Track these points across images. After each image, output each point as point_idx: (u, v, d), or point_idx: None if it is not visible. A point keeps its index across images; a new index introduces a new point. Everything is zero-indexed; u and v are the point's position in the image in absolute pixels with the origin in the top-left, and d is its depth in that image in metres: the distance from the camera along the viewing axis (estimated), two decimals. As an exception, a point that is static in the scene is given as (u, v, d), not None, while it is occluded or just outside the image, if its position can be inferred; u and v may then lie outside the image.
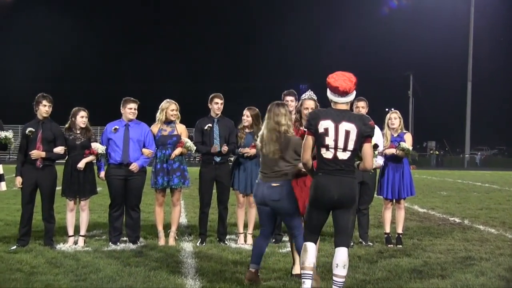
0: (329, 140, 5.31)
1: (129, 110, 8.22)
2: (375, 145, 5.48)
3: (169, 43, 77.18)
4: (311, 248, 5.44)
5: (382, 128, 8.64)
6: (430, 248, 8.19)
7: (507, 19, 65.63)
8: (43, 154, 7.79)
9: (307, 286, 5.36)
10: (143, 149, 8.18)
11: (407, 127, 9.31)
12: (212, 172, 8.46)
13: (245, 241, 8.39)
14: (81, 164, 7.94)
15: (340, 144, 5.30)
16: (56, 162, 8.05)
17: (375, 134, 8.30)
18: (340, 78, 5.41)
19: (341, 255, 5.32)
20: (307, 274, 5.40)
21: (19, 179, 7.86)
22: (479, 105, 60.19)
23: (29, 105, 8.09)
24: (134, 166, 8.06)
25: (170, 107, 8.31)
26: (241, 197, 8.46)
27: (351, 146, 5.31)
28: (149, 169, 8.27)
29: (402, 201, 8.66)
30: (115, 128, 8.20)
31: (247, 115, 8.35)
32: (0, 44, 65.71)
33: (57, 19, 66.06)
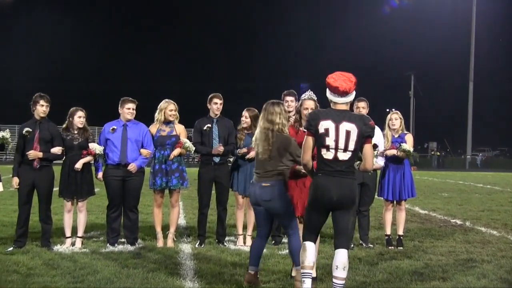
0: (329, 141, 5.31)
1: (127, 110, 8.22)
2: (374, 145, 5.50)
3: (168, 42, 77.18)
4: (310, 247, 5.45)
5: (383, 129, 8.64)
6: (431, 250, 8.19)
7: (509, 18, 65.69)
8: (40, 155, 7.78)
9: (307, 285, 5.37)
10: (142, 149, 8.18)
11: (408, 128, 9.31)
12: (211, 173, 8.46)
13: (244, 242, 8.39)
14: (78, 165, 7.93)
15: (341, 144, 5.31)
16: (54, 163, 8.06)
17: (375, 134, 8.35)
18: (340, 78, 5.41)
19: (341, 257, 5.33)
20: (307, 273, 5.42)
21: (16, 179, 7.86)
22: (480, 105, 60.23)
23: (26, 105, 8.08)
24: (132, 166, 8.06)
25: (168, 107, 8.30)
26: (240, 198, 8.45)
27: (351, 146, 5.32)
28: (147, 169, 8.27)
29: (403, 202, 8.65)
30: (113, 128, 8.19)
31: (245, 116, 8.34)
32: (-3, 44, 65.79)
33: (54, 18, 66.08)
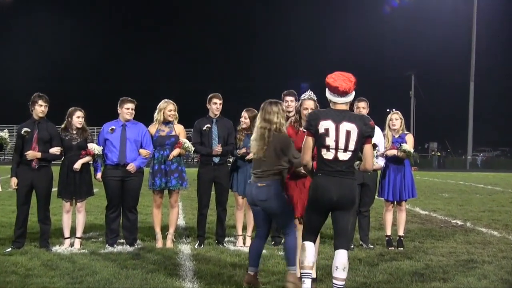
0: (329, 141, 5.32)
1: (126, 110, 8.21)
2: (374, 144, 5.51)
3: (167, 42, 77.22)
4: (309, 247, 5.46)
5: (383, 129, 8.63)
6: (432, 251, 8.19)
7: (510, 17, 65.71)
8: (39, 155, 7.78)
9: (306, 285, 5.38)
10: (141, 149, 8.18)
11: (408, 128, 9.28)
12: (211, 173, 8.46)
13: (244, 243, 8.38)
14: (77, 165, 7.93)
15: (341, 144, 5.31)
16: (52, 163, 8.06)
17: (377, 134, 8.36)
18: (340, 78, 5.43)
19: (341, 258, 5.33)
20: (307, 273, 5.43)
21: (14, 180, 7.85)
22: (481, 105, 60.22)
23: (24, 105, 8.08)
24: (131, 166, 8.05)
25: (168, 108, 8.30)
26: (240, 199, 8.45)
27: (352, 146, 5.32)
28: (146, 170, 8.27)
29: (404, 203, 8.65)
30: (111, 129, 8.19)
31: (245, 117, 8.33)
32: (-4, 44, 65.82)
33: (53, 18, 66.09)
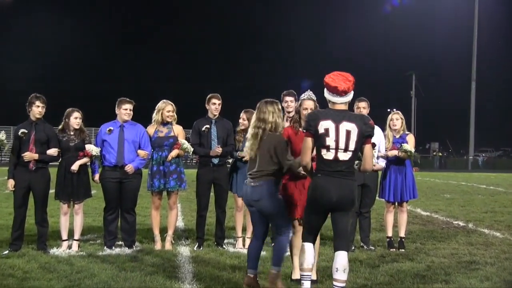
0: (330, 141, 5.32)
1: (124, 111, 8.21)
2: (373, 143, 5.54)
3: (165, 42, 77.23)
4: (309, 248, 5.48)
5: (384, 129, 8.64)
6: (434, 252, 8.19)
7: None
8: (36, 156, 7.78)
9: (306, 287, 5.39)
10: (139, 150, 8.18)
11: (409, 128, 9.27)
12: (210, 175, 8.46)
13: (243, 245, 8.37)
14: (74, 167, 7.93)
15: (341, 144, 5.32)
16: (50, 164, 8.05)
17: (377, 134, 8.37)
18: (338, 78, 5.45)
19: (341, 259, 5.33)
20: (306, 275, 5.45)
21: (11, 181, 7.85)
22: (483, 105, 60.29)
23: (21, 106, 8.08)
24: (129, 167, 8.05)
25: (166, 108, 8.30)
26: (239, 200, 8.44)
27: (352, 146, 5.33)
28: (145, 171, 8.27)
29: (405, 204, 8.66)
30: (109, 129, 8.19)
31: (243, 118, 8.32)
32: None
33: (51, 18, 66.08)
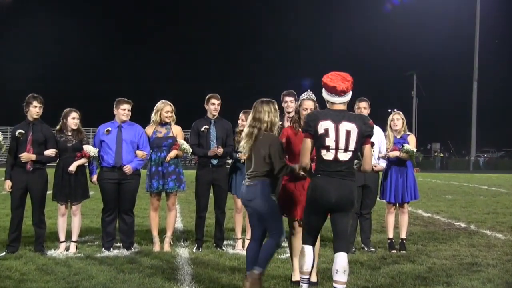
0: (329, 141, 5.33)
1: (122, 111, 8.21)
2: (372, 142, 5.56)
3: (166, 42, 77.28)
4: (309, 251, 5.49)
5: (385, 130, 8.64)
6: (435, 254, 8.19)
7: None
8: (33, 157, 7.78)
9: None
10: (137, 151, 8.18)
11: (410, 129, 9.24)
12: (209, 175, 8.46)
13: (243, 246, 8.37)
14: (72, 167, 7.93)
15: (341, 144, 5.33)
16: (47, 165, 8.05)
17: (378, 135, 8.38)
18: (337, 78, 5.47)
19: (340, 261, 5.34)
20: (305, 278, 5.48)
21: (8, 182, 7.85)
22: (485, 105, 60.28)
23: (19, 106, 8.08)
24: (127, 168, 8.05)
25: (165, 109, 8.30)
26: (239, 201, 8.43)
27: (352, 146, 5.35)
28: (143, 172, 8.27)
29: (406, 205, 8.66)
30: (107, 130, 8.19)
31: (242, 119, 8.31)
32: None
33: (49, 18, 66.07)
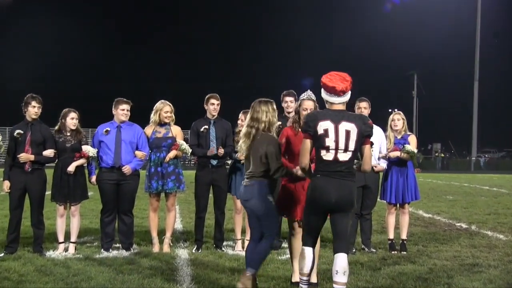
0: (329, 141, 5.34)
1: (121, 112, 8.21)
2: (371, 142, 5.58)
3: (164, 42, 77.30)
4: (309, 253, 5.49)
5: (385, 130, 8.64)
6: (436, 254, 8.19)
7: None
8: (32, 157, 7.78)
9: None
10: (136, 151, 8.18)
11: (411, 129, 9.25)
12: (209, 176, 8.46)
13: (243, 247, 8.37)
14: (71, 168, 7.93)
15: (341, 144, 5.34)
16: (46, 166, 8.05)
17: (378, 135, 8.39)
18: (336, 78, 5.48)
19: (340, 261, 5.34)
20: (304, 280, 5.50)
21: (7, 183, 7.85)
22: (486, 105, 60.29)
23: (17, 106, 8.08)
24: (126, 168, 8.05)
25: (164, 109, 8.30)
26: (238, 202, 8.42)
27: (352, 146, 5.35)
28: (142, 172, 8.27)
29: (407, 205, 8.66)
30: (106, 130, 8.19)
31: (241, 120, 8.31)
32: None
33: (47, 18, 66.07)
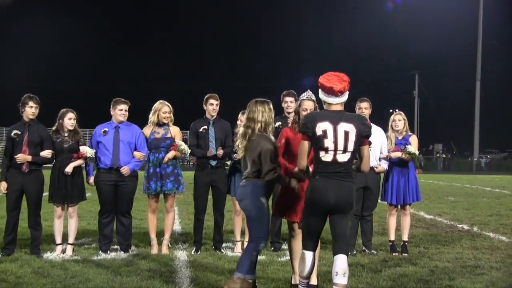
0: (328, 143, 5.34)
1: (119, 112, 8.21)
2: (369, 142, 5.59)
3: (164, 42, 77.28)
4: (309, 257, 5.49)
5: (386, 130, 8.64)
6: (437, 256, 8.19)
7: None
8: (29, 158, 7.78)
9: None
10: (135, 152, 8.17)
11: (412, 129, 9.23)
12: (208, 177, 8.45)
13: (242, 249, 8.36)
14: (68, 169, 7.93)
15: (340, 145, 5.35)
16: (43, 167, 8.05)
17: (379, 135, 8.39)
18: (333, 78, 5.50)
19: (340, 263, 5.34)
20: (304, 283, 5.53)
21: (4, 184, 7.85)
22: (488, 105, 60.26)
23: (15, 106, 8.07)
24: (125, 169, 8.04)
25: (162, 109, 8.29)
26: (238, 204, 8.42)
27: (351, 147, 5.36)
28: (141, 173, 8.27)
29: (408, 207, 8.66)
30: (104, 131, 8.19)
31: (241, 120, 8.31)
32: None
33: (45, 17, 66.03)
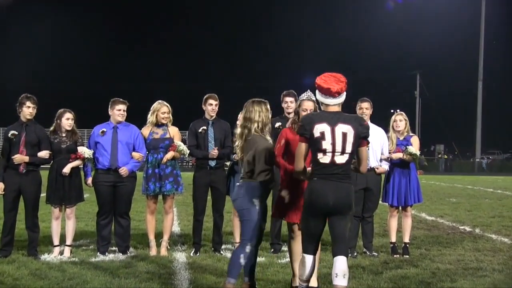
0: (326, 144, 5.34)
1: (117, 112, 8.20)
2: (367, 141, 5.60)
3: (162, 42, 77.30)
4: (309, 261, 5.48)
5: (387, 131, 8.63)
6: (439, 258, 8.19)
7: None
8: (27, 159, 7.77)
9: None
10: (133, 152, 8.16)
11: (413, 130, 9.27)
12: (207, 178, 8.45)
13: (241, 251, 8.36)
14: (66, 169, 7.92)
15: (338, 147, 5.35)
16: (41, 167, 8.05)
17: (380, 136, 8.38)
18: (330, 79, 5.50)
19: (340, 265, 5.33)
20: (304, 285, 5.52)
21: (1, 185, 7.84)
22: (490, 106, 60.23)
23: (12, 106, 8.07)
24: (123, 170, 8.03)
25: (161, 110, 8.28)
26: (235, 204, 8.43)
27: (349, 148, 5.36)
28: (140, 174, 8.26)
29: (409, 208, 8.65)
30: (102, 131, 8.18)
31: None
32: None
33: (48, 18, 66.07)
